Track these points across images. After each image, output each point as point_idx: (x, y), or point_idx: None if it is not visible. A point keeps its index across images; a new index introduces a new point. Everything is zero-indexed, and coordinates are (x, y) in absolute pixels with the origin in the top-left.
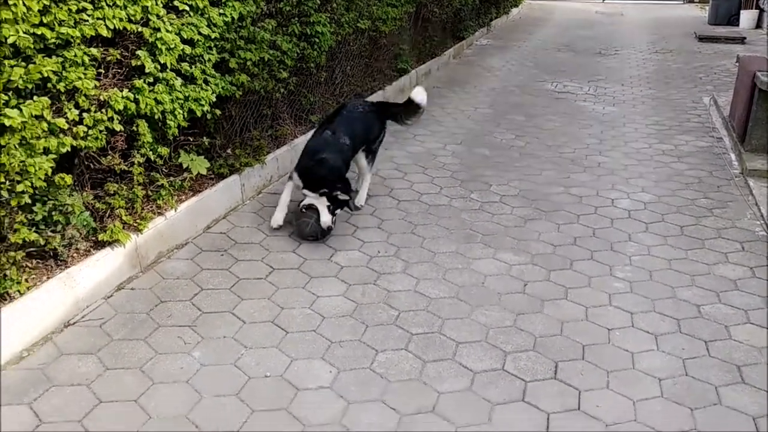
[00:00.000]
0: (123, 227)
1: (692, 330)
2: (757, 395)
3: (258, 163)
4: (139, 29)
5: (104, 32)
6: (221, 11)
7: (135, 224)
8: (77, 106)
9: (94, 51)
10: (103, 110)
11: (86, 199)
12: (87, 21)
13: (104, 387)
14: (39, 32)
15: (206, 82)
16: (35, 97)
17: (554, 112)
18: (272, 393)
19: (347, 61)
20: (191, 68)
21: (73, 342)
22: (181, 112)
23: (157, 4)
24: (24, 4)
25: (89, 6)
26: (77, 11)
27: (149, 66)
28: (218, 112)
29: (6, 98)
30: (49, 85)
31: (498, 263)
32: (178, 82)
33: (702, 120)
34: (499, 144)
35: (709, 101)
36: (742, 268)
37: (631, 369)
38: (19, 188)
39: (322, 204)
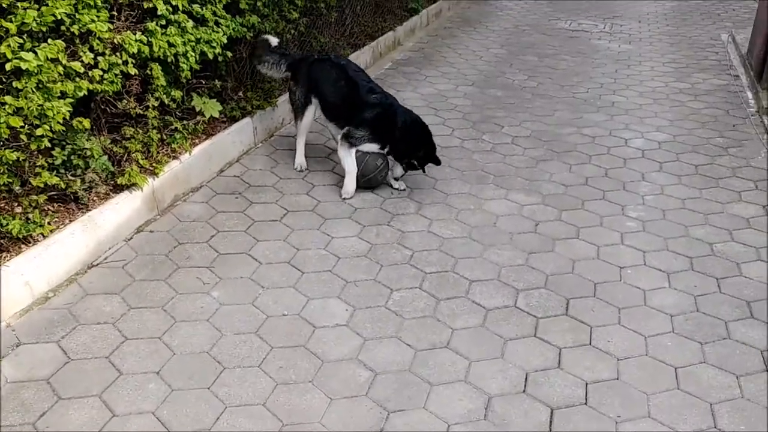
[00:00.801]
0: (140, 171)
1: (704, 268)
2: (766, 329)
3: (269, 106)
4: None
5: None
6: None
7: (151, 168)
8: (92, 50)
9: None
10: (118, 53)
11: (104, 144)
12: None
13: (129, 325)
14: None
15: (217, 24)
16: (50, 41)
17: (568, 52)
18: (290, 330)
19: (357, 1)
20: (202, 10)
21: (97, 282)
22: (193, 55)
23: None
24: None
25: None
26: None
27: (161, 8)
28: (230, 54)
29: (21, 41)
30: (63, 28)
31: (510, 203)
32: (190, 24)
33: (719, 58)
34: (511, 85)
35: (728, 38)
36: (755, 207)
37: (643, 306)
38: (39, 132)
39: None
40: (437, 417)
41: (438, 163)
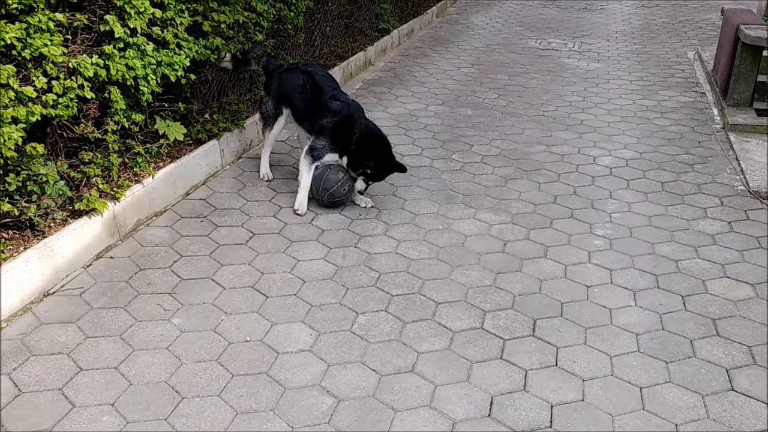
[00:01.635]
0: (100, 196)
1: (670, 285)
2: (731, 347)
3: (236, 128)
4: None
5: None
6: None
7: (112, 192)
8: (45, 74)
9: (60, 16)
10: (73, 77)
11: (61, 168)
12: None
13: (84, 355)
14: None
15: (179, 47)
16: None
17: (538, 70)
18: (252, 357)
19: (326, 22)
20: (163, 32)
21: (53, 311)
22: (154, 78)
23: None
24: None
25: None
26: None
27: (118, 31)
28: (193, 77)
29: None
30: (14, 53)
31: (478, 223)
32: (150, 47)
33: (686, 75)
34: (482, 104)
35: (694, 56)
36: (721, 223)
37: (609, 325)
38: None
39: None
40: None
41: (403, 170)
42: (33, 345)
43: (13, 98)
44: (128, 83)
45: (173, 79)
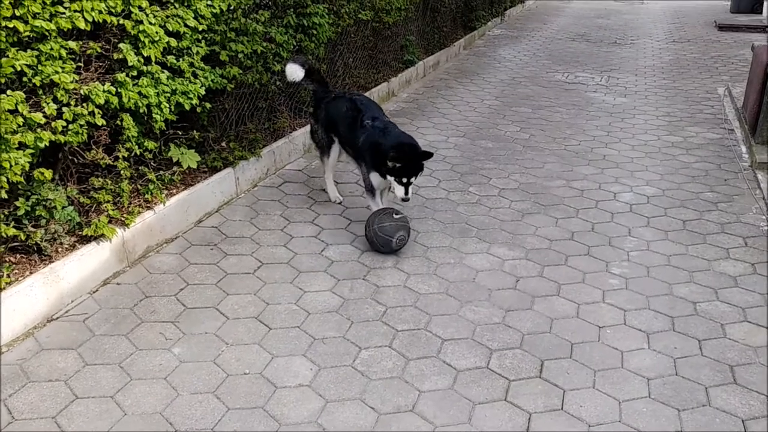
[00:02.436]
0: (109, 222)
1: (686, 328)
2: (748, 396)
3: (253, 156)
4: (121, 21)
5: (82, 25)
6: (209, 2)
7: (122, 219)
8: (56, 101)
9: (72, 44)
10: (84, 104)
11: (71, 194)
12: (63, 14)
13: (81, 383)
14: (11, 25)
15: (195, 75)
16: (9, 92)
17: (563, 104)
18: (250, 390)
19: (349, 53)
20: (178, 61)
21: (55, 337)
22: (168, 106)
23: None
24: None
25: None
26: (52, 3)
27: (132, 59)
28: (208, 106)
29: None
30: (25, 79)
31: (491, 258)
32: (164, 75)
33: (714, 111)
34: (503, 136)
35: (724, 92)
36: (743, 264)
37: (620, 368)
38: None
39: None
40: None
41: (429, 156)
42: (31, 371)
43: (22, 124)
44: (141, 111)
45: (188, 108)
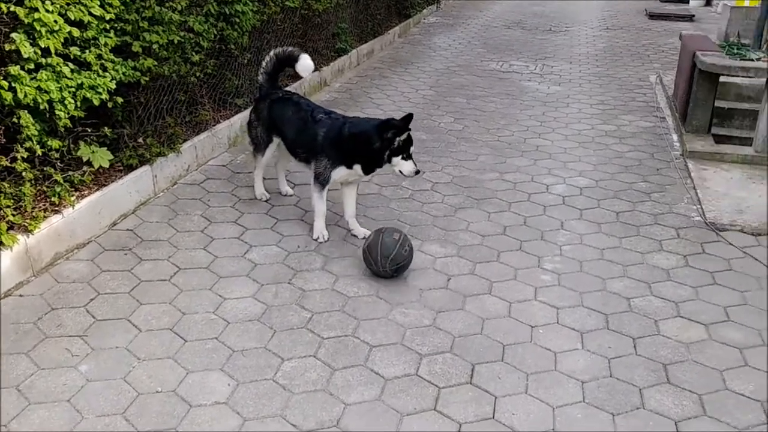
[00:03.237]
0: (10, 228)
1: (620, 326)
2: (681, 396)
3: (172, 152)
4: (12, 8)
5: None
6: None
7: (25, 224)
8: None
9: None
10: None
11: None
12: None
13: None
14: None
15: (104, 68)
16: None
17: (497, 93)
18: (162, 410)
19: (277, 42)
20: (84, 53)
21: None
22: (73, 102)
23: None
24: None
25: None
26: None
27: (27, 51)
28: (120, 100)
29: None
30: None
31: (423, 256)
32: (68, 69)
33: (647, 99)
34: (437, 128)
35: (655, 80)
36: (676, 257)
37: (553, 371)
38: None
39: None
40: None
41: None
42: None
43: None
44: (42, 107)
45: (97, 103)
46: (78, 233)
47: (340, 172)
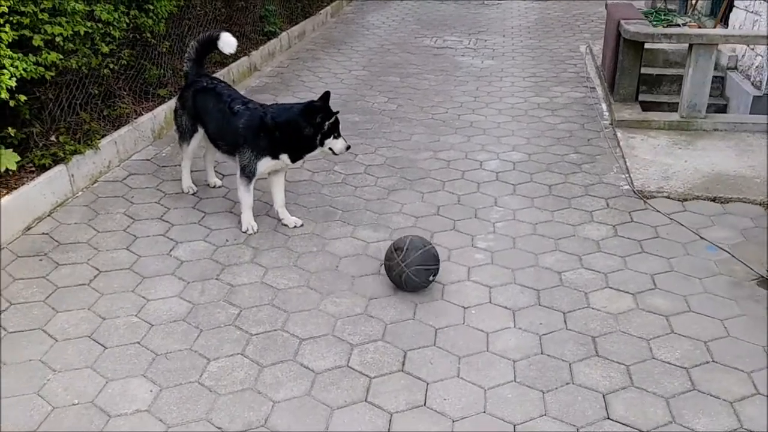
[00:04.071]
0: None
1: (552, 301)
2: (609, 368)
3: (90, 149)
4: None
5: None
6: None
7: None
8: None
9: None
10: None
11: None
12: None
13: None
14: None
15: (1, 65)
16: None
17: (431, 70)
18: (79, 424)
19: (198, 28)
20: None
21: None
22: None
23: None
24: None
25: None
26: None
27: None
28: (23, 98)
29: None
30: None
31: (355, 242)
32: None
33: (578, 70)
34: (370, 108)
35: (585, 50)
36: (606, 227)
37: (485, 352)
38: None
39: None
40: None
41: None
42: None
43: None
44: None
45: None
46: None
47: (266, 164)
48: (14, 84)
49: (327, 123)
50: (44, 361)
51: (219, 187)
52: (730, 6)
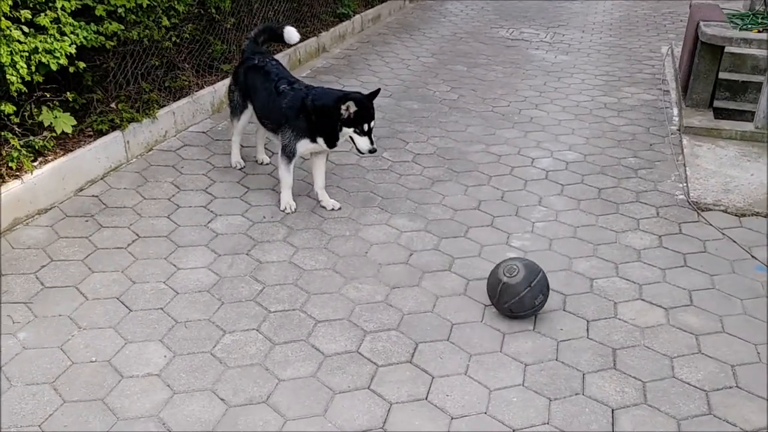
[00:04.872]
0: None
1: (578, 307)
2: (624, 383)
3: (147, 118)
4: None
5: None
6: None
7: None
8: None
9: None
10: None
11: None
12: None
13: None
14: None
15: (61, 32)
16: None
17: (500, 62)
18: (93, 381)
19: (269, 5)
20: (37, 16)
21: None
22: (24, 66)
23: None
24: None
25: None
26: None
27: None
28: (83, 65)
29: None
30: None
31: (389, 230)
32: (18, 32)
33: (655, 71)
34: (431, 96)
35: (667, 51)
36: (651, 237)
37: (498, 352)
38: None
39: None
40: None
41: (377, 93)
42: None
43: None
44: None
45: (55, 68)
46: (40, 199)
47: (305, 146)
48: (74, 51)
49: (347, 112)
50: (72, 318)
51: (267, 164)
52: None
